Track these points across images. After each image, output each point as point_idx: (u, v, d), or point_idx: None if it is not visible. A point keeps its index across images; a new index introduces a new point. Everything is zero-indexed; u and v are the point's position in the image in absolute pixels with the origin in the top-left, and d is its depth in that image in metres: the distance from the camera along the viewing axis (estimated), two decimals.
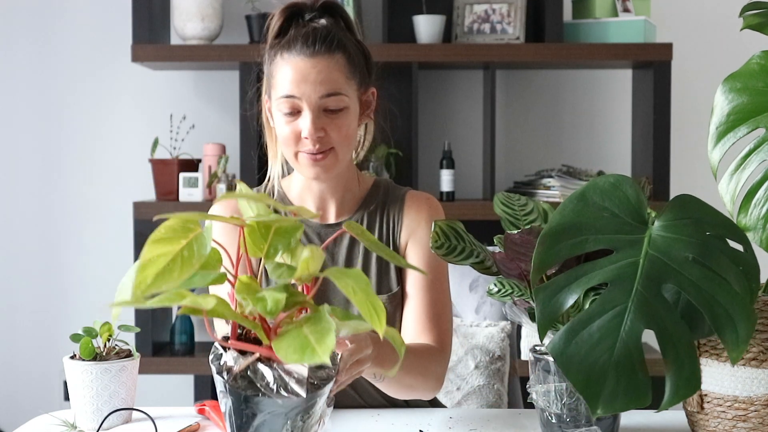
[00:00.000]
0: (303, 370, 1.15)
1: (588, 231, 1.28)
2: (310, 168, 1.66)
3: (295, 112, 1.64)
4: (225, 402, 1.16)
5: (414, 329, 1.69)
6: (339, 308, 1.14)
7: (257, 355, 1.15)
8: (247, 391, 1.13)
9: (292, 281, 1.15)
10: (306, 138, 1.63)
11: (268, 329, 1.14)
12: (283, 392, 1.13)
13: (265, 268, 1.18)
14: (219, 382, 1.16)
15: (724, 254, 1.26)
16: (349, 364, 1.35)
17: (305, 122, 1.63)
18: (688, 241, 1.26)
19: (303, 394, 1.14)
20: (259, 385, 1.14)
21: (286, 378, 1.15)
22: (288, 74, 1.63)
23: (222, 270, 1.16)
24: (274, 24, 1.69)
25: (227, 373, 1.15)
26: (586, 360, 1.19)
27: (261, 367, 1.15)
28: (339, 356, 1.27)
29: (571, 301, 1.24)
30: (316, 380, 1.17)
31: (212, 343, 1.20)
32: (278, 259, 1.17)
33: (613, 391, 1.18)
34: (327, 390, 1.19)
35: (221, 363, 1.17)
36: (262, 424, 1.14)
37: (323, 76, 1.63)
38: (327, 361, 1.04)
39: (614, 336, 1.20)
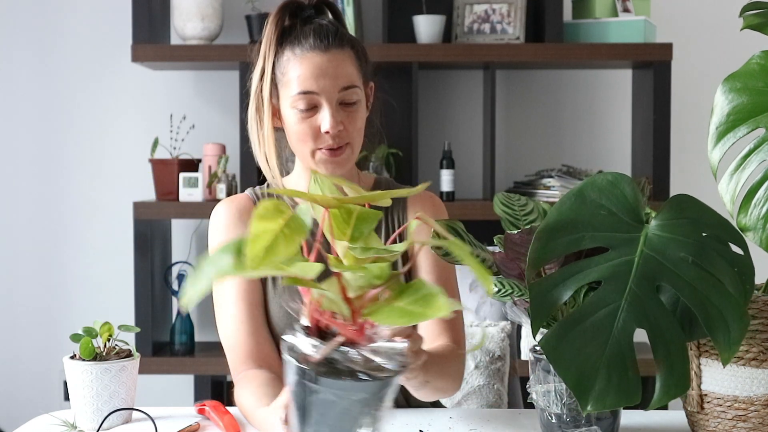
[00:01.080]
0: (397, 345, 1.15)
1: (584, 228, 1.28)
2: (328, 164, 1.66)
3: (311, 108, 1.64)
4: (299, 393, 1.14)
5: (432, 331, 1.69)
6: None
7: (341, 338, 1.14)
8: (329, 377, 1.11)
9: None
10: (326, 133, 1.63)
11: (353, 311, 1.14)
12: (366, 375, 1.12)
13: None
14: (293, 371, 1.13)
15: (719, 255, 1.26)
16: (412, 352, 1.35)
17: (325, 117, 1.63)
18: (684, 241, 1.26)
19: (395, 367, 1.12)
20: (341, 369, 1.13)
21: (374, 357, 1.14)
22: (304, 70, 1.63)
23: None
24: (277, 21, 1.68)
25: (305, 362, 1.13)
26: (577, 356, 1.19)
27: (346, 349, 1.13)
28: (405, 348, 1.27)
29: (564, 298, 1.25)
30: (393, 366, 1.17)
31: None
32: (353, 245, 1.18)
33: (604, 388, 1.18)
34: (399, 379, 1.18)
35: (297, 352, 1.14)
36: (339, 412, 1.13)
37: (340, 69, 1.64)
38: (449, 315, 1.05)
39: (607, 334, 1.20)
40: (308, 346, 1.14)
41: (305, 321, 1.17)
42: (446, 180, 3.23)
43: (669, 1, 3.45)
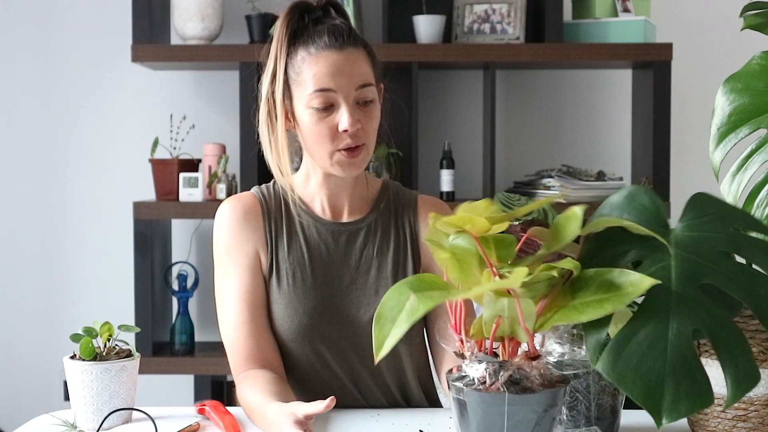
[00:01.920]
0: (577, 353, 1.13)
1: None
2: (346, 166, 1.64)
3: (328, 107, 1.62)
4: (496, 423, 1.10)
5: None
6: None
7: (522, 355, 1.12)
8: (526, 394, 1.10)
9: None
10: (345, 131, 1.61)
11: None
12: (550, 383, 1.11)
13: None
14: (485, 404, 1.10)
15: (752, 245, 1.24)
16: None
17: (343, 115, 1.61)
18: (716, 236, 1.23)
19: (566, 369, 1.11)
20: (529, 386, 1.11)
21: (548, 364, 1.13)
22: (321, 68, 1.61)
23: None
24: (288, 23, 1.66)
25: (495, 390, 1.10)
26: (639, 371, 1.15)
27: (530, 364, 1.12)
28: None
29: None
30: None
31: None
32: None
33: (675, 397, 1.14)
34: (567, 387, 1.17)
35: (478, 384, 1.12)
36: (534, 428, 1.11)
37: (356, 68, 1.63)
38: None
39: (664, 342, 1.16)
40: (480, 370, 1.11)
41: (472, 352, 1.14)
42: (446, 180, 3.23)
43: (669, 1, 3.45)
